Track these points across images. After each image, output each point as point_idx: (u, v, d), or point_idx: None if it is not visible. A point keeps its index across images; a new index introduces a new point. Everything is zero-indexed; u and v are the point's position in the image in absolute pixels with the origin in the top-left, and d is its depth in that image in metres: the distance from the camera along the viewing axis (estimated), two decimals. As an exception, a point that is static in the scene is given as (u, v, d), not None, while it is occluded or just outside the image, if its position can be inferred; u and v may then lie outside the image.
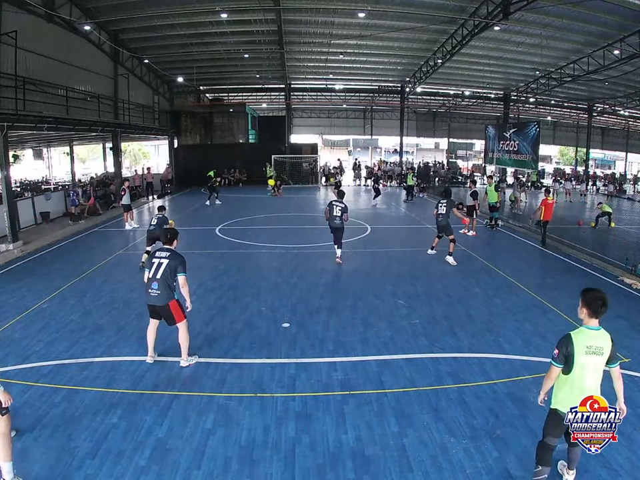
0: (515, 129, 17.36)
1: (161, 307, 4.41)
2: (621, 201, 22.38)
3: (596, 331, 2.80)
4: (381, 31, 16.44)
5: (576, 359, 2.77)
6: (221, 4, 14.42)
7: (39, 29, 12.57)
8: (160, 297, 4.37)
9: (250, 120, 24.70)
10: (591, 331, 2.81)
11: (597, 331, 2.81)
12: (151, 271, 4.42)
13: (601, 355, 2.77)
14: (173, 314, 4.43)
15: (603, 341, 2.79)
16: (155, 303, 4.41)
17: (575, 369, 2.80)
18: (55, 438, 3.44)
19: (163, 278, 4.36)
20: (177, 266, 4.40)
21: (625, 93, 23.82)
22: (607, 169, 39.12)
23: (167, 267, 4.38)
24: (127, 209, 12.35)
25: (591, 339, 2.78)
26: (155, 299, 4.39)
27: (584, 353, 2.77)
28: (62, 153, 28.81)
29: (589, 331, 2.81)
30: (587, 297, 2.81)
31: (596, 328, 2.81)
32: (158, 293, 4.36)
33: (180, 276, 4.41)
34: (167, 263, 4.40)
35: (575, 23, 14.99)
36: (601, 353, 2.77)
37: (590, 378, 2.82)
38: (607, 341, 2.79)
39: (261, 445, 3.40)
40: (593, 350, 2.77)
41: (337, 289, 7.06)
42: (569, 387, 2.86)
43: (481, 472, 3.13)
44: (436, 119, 31.32)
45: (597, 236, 12.01)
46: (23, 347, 4.92)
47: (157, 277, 4.36)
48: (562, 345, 2.82)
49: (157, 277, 4.36)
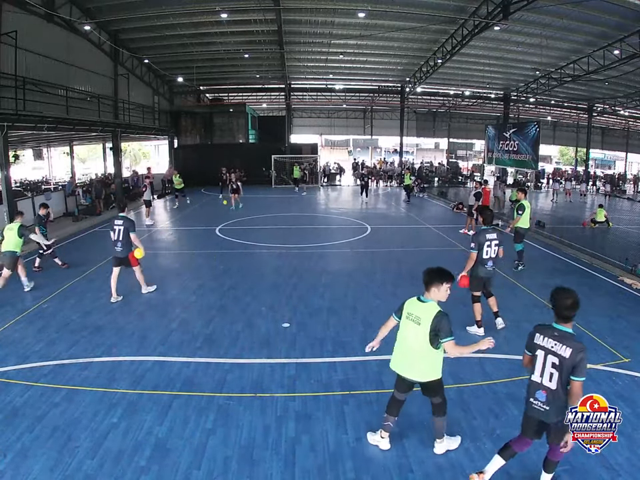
0: (514, 129, 17.34)
1: (123, 258, 6.35)
2: (621, 201, 22.38)
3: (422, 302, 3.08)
4: (381, 30, 16.44)
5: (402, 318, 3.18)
6: (220, 4, 14.43)
7: (39, 28, 12.59)
8: (122, 252, 6.32)
9: (250, 120, 24.70)
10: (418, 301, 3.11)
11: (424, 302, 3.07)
12: (114, 234, 6.27)
13: (418, 324, 3.02)
14: (130, 262, 6.41)
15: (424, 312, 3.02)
16: (119, 256, 6.36)
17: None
18: (55, 438, 3.43)
19: (122, 239, 6.24)
20: (128, 227, 6.27)
21: (624, 93, 23.82)
22: (607, 168, 39.14)
23: (123, 230, 6.23)
24: (148, 204, 12.73)
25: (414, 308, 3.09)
26: (119, 253, 6.34)
27: (405, 318, 3.13)
28: (62, 153, 28.82)
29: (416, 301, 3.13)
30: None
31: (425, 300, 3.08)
32: (121, 249, 6.30)
33: (132, 234, 6.27)
34: (123, 227, 6.23)
35: (575, 22, 15.00)
36: (419, 322, 3.02)
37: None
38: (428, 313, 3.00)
39: (261, 445, 3.40)
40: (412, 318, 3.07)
41: (337, 289, 7.06)
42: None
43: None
44: (436, 119, 31.32)
45: (597, 236, 12.02)
46: (23, 347, 4.92)
47: (119, 239, 6.25)
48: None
49: (119, 239, 6.25)
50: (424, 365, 3.08)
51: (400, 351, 3.19)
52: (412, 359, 3.10)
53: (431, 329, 2.95)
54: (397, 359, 3.22)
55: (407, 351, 3.13)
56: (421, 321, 3.00)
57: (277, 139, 25.36)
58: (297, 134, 29.27)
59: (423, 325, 2.99)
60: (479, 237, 5.33)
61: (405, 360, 3.15)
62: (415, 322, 3.04)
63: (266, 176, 22.88)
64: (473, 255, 5.26)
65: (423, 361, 3.07)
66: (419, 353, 3.04)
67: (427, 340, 2.97)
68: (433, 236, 11.33)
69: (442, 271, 3.07)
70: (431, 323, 2.95)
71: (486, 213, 5.52)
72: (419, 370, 3.10)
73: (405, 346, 3.15)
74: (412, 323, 3.06)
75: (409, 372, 3.15)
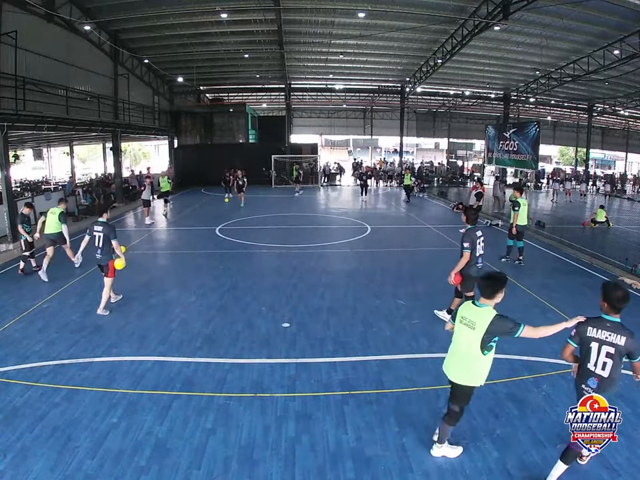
0: (514, 129, 17.32)
1: (103, 265, 5.97)
2: (621, 201, 22.39)
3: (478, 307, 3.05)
4: (381, 30, 16.44)
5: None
6: (220, 4, 14.43)
7: (39, 28, 12.58)
8: (102, 259, 5.95)
9: (250, 120, 24.70)
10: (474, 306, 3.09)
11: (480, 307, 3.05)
12: (95, 241, 5.92)
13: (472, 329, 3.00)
14: (108, 270, 5.91)
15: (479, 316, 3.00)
16: (100, 263, 6.02)
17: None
18: (55, 438, 3.44)
19: (103, 246, 5.89)
20: (109, 234, 5.86)
21: (624, 93, 23.82)
22: (607, 168, 39.13)
23: (103, 237, 5.86)
24: (146, 204, 12.71)
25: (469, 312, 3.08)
26: (99, 260, 5.99)
27: (458, 322, 3.14)
28: (62, 153, 28.81)
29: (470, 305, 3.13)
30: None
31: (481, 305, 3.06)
32: (101, 256, 5.93)
33: (113, 241, 5.86)
34: (102, 234, 5.86)
35: (575, 22, 14.99)
36: (473, 327, 3.00)
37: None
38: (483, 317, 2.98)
39: (261, 445, 3.40)
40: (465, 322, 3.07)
41: (337, 289, 7.06)
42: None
43: (481, 472, 3.13)
44: (436, 119, 31.31)
45: (597, 236, 12.02)
46: (23, 347, 4.92)
47: (100, 246, 5.90)
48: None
49: (100, 246, 5.90)
50: (466, 368, 3.10)
51: (450, 352, 3.24)
52: (457, 360, 3.14)
53: (485, 334, 2.94)
54: (447, 360, 3.26)
55: (455, 353, 3.18)
56: (475, 326, 2.99)
57: (277, 138, 25.34)
58: (296, 134, 29.26)
59: (477, 329, 2.98)
60: (471, 235, 5.34)
61: (452, 360, 3.20)
62: (469, 326, 3.04)
63: (266, 176, 22.89)
64: (467, 254, 5.27)
65: (466, 364, 3.09)
66: (466, 356, 3.08)
67: (478, 345, 2.97)
68: (433, 236, 11.32)
69: (504, 277, 3.13)
70: (486, 328, 2.94)
71: (470, 212, 5.54)
72: (459, 371, 3.12)
73: (454, 348, 3.20)
74: (465, 327, 3.07)
75: (450, 371, 3.18)
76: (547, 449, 3.35)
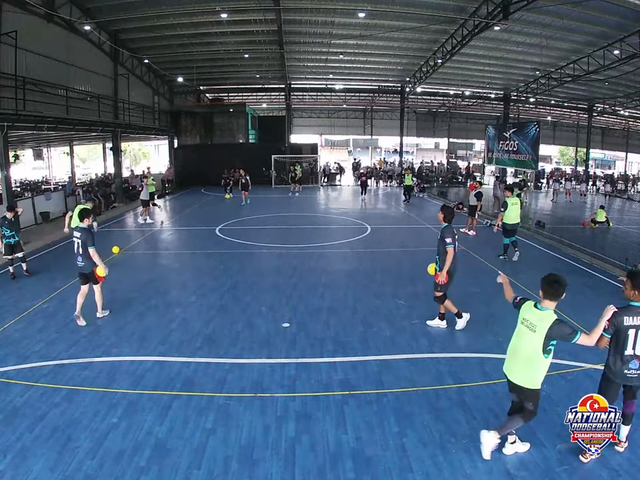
0: (514, 129, 17.36)
1: (87, 273, 5.62)
2: (621, 201, 22.39)
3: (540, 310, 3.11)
4: (381, 30, 16.44)
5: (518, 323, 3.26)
6: (220, 4, 14.44)
7: (39, 28, 12.59)
8: (85, 267, 5.59)
9: (250, 120, 24.70)
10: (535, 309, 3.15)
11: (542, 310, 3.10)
12: (74, 247, 5.61)
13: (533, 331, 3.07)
14: (95, 277, 5.63)
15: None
16: (82, 271, 5.65)
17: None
18: (55, 438, 3.43)
19: (82, 252, 5.52)
20: (85, 240, 5.48)
21: (624, 93, 23.83)
22: (607, 168, 39.12)
23: (81, 243, 5.51)
24: (145, 204, 12.79)
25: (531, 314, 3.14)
26: (81, 268, 5.63)
27: (520, 323, 3.22)
28: (62, 153, 28.81)
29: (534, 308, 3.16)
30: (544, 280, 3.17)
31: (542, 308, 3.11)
32: (83, 264, 5.58)
33: (89, 248, 5.47)
34: (80, 241, 5.51)
35: (575, 22, 15.00)
36: (534, 330, 3.06)
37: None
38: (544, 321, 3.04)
39: (261, 445, 3.40)
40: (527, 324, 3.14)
41: (337, 289, 7.06)
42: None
43: (481, 472, 3.13)
44: (436, 119, 31.32)
45: (597, 236, 12.02)
46: (23, 347, 4.92)
47: (80, 253, 5.55)
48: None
49: (80, 253, 5.55)
50: (527, 371, 3.13)
51: (510, 353, 3.28)
52: (518, 362, 3.18)
53: (546, 337, 3.00)
54: (507, 361, 3.30)
55: (515, 354, 3.21)
56: (536, 329, 3.05)
57: (277, 138, 25.34)
58: (297, 134, 29.27)
59: (538, 332, 3.03)
60: (452, 230, 5.30)
61: (512, 362, 3.23)
62: (530, 329, 3.09)
63: (266, 176, 22.90)
64: (451, 249, 5.22)
65: (528, 367, 3.12)
66: (528, 358, 3.12)
67: (540, 347, 3.03)
68: (433, 236, 11.22)
69: (566, 281, 3.15)
70: (547, 332, 3.00)
71: (447, 211, 5.42)
72: (523, 374, 3.15)
73: (515, 349, 3.23)
74: (526, 329, 3.12)
75: (513, 374, 3.20)
76: (547, 449, 3.35)
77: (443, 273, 5.26)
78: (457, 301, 6.51)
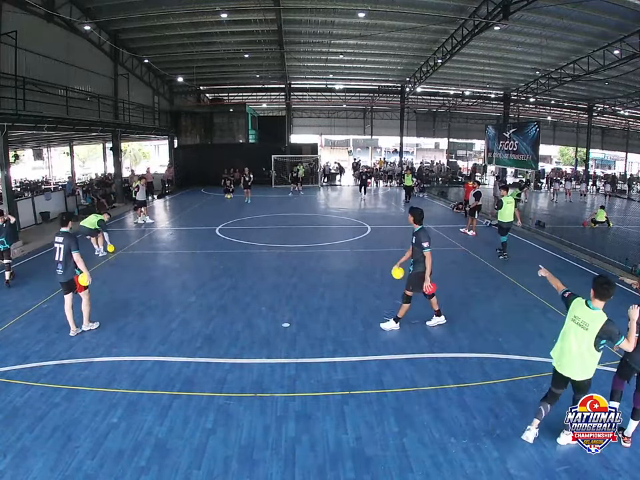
0: (514, 129, 17.37)
1: (68, 282, 5.23)
2: (621, 201, 22.38)
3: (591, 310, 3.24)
4: (381, 30, 16.44)
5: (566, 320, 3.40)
6: (220, 4, 14.43)
7: (39, 28, 12.58)
8: (64, 275, 5.21)
9: (250, 120, 24.69)
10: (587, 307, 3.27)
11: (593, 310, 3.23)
12: (55, 254, 5.23)
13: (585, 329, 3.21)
14: (76, 286, 5.24)
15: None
16: (62, 280, 5.25)
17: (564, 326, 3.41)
18: (55, 438, 3.44)
19: (63, 259, 5.17)
20: (69, 245, 5.13)
21: (624, 93, 23.82)
22: (607, 168, 39.13)
23: (64, 249, 5.16)
24: (141, 204, 12.84)
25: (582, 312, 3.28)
26: (60, 277, 5.24)
27: (570, 320, 3.34)
28: (62, 153, 28.82)
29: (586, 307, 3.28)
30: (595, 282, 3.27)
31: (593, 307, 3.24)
32: (62, 272, 5.20)
33: (73, 253, 5.13)
34: (63, 246, 5.15)
35: (575, 22, 14.99)
36: (586, 328, 3.20)
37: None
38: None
39: (261, 445, 3.40)
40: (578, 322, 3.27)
41: (337, 289, 7.06)
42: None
43: (481, 472, 3.13)
44: (436, 119, 31.32)
45: (597, 236, 12.01)
46: (23, 347, 4.92)
47: (60, 260, 5.19)
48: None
49: (60, 260, 5.19)
50: (582, 365, 3.28)
51: (561, 349, 3.40)
52: (572, 358, 3.30)
53: (597, 336, 3.16)
54: (558, 355, 3.43)
55: (568, 351, 3.33)
56: (588, 327, 3.20)
57: (277, 139, 25.34)
58: (297, 134, 29.26)
59: (590, 331, 3.19)
60: (429, 234, 5.34)
61: (565, 358, 3.35)
62: (582, 327, 3.23)
63: (266, 176, 22.91)
64: (429, 254, 5.22)
65: (582, 362, 3.27)
66: (581, 354, 3.25)
67: (592, 344, 3.19)
68: (433, 236, 11.16)
69: (614, 283, 3.28)
70: (598, 331, 3.15)
71: (416, 213, 5.41)
72: (578, 368, 3.29)
73: (567, 346, 3.34)
74: (578, 327, 3.26)
75: (568, 370, 3.33)
76: (546, 449, 3.35)
77: (427, 279, 5.20)
78: (457, 300, 6.55)
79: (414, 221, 5.39)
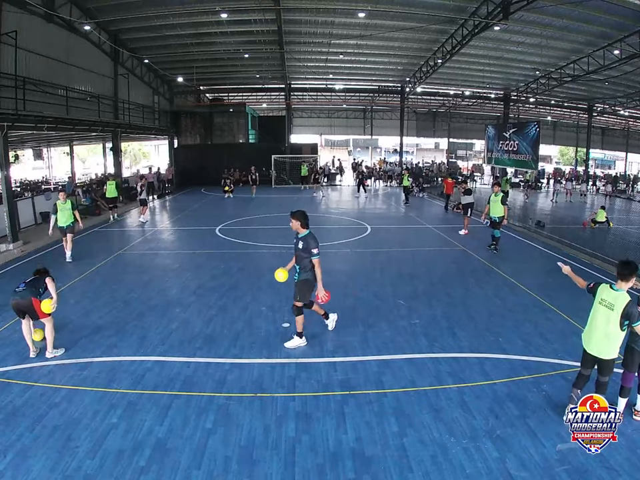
0: (514, 129, 17.36)
1: (25, 306, 4.56)
2: (621, 201, 22.38)
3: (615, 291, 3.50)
4: (381, 30, 16.44)
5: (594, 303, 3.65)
6: (220, 4, 14.44)
7: (39, 29, 12.58)
8: (22, 294, 4.58)
9: (250, 120, 24.71)
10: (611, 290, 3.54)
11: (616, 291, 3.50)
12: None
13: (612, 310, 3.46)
14: (34, 313, 4.61)
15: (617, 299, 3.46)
16: (18, 299, 4.58)
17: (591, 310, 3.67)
18: (55, 438, 3.43)
19: (28, 279, 4.77)
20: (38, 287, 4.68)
21: (624, 93, 23.83)
22: (607, 168, 39.14)
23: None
24: (143, 203, 12.96)
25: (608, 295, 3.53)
26: (18, 295, 4.59)
27: (598, 303, 3.60)
28: (62, 153, 28.83)
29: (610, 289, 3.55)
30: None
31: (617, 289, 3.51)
32: (22, 291, 4.60)
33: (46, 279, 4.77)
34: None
35: (575, 22, 15.00)
36: (612, 308, 3.46)
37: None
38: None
39: (261, 445, 3.40)
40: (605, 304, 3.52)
41: (337, 289, 7.04)
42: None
43: (481, 472, 3.12)
44: (436, 119, 31.34)
45: (597, 236, 12.01)
46: (23, 347, 4.91)
47: (25, 279, 4.78)
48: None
49: (25, 279, 4.78)
50: (609, 344, 3.51)
51: (590, 330, 3.65)
52: (599, 338, 3.54)
53: (622, 315, 3.40)
54: (587, 336, 3.67)
55: (595, 331, 3.58)
56: (614, 308, 3.46)
57: (277, 139, 25.36)
58: (297, 134, 29.28)
59: (615, 311, 3.44)
60: (317, 240, 4.81)
61: (593, 338, 3.59)
62: (609, 307, 3.50)
63: (266, 176, 22.92)
64: (318, 261, 4.76)
65: (608, 341, 3.50)
66: (608, 334, 3.49)
67: (618, 324, 3.43)
68: (433, 236, 11.33)
69: (636, 263, 3.57)
70: (622, 310, 3.40)
71: (302, 216, 4.83)
72: (605, 347, 3.52)
73: (594, 326, 3.60)
74: (605, 308, 3.53)
75: (595, 349, 3.57)
76: (546, 449, 3.34)
77: (320, 289, 4.76)
78: (457, 300, 6.55)
79: (301, 226, 4.78)
